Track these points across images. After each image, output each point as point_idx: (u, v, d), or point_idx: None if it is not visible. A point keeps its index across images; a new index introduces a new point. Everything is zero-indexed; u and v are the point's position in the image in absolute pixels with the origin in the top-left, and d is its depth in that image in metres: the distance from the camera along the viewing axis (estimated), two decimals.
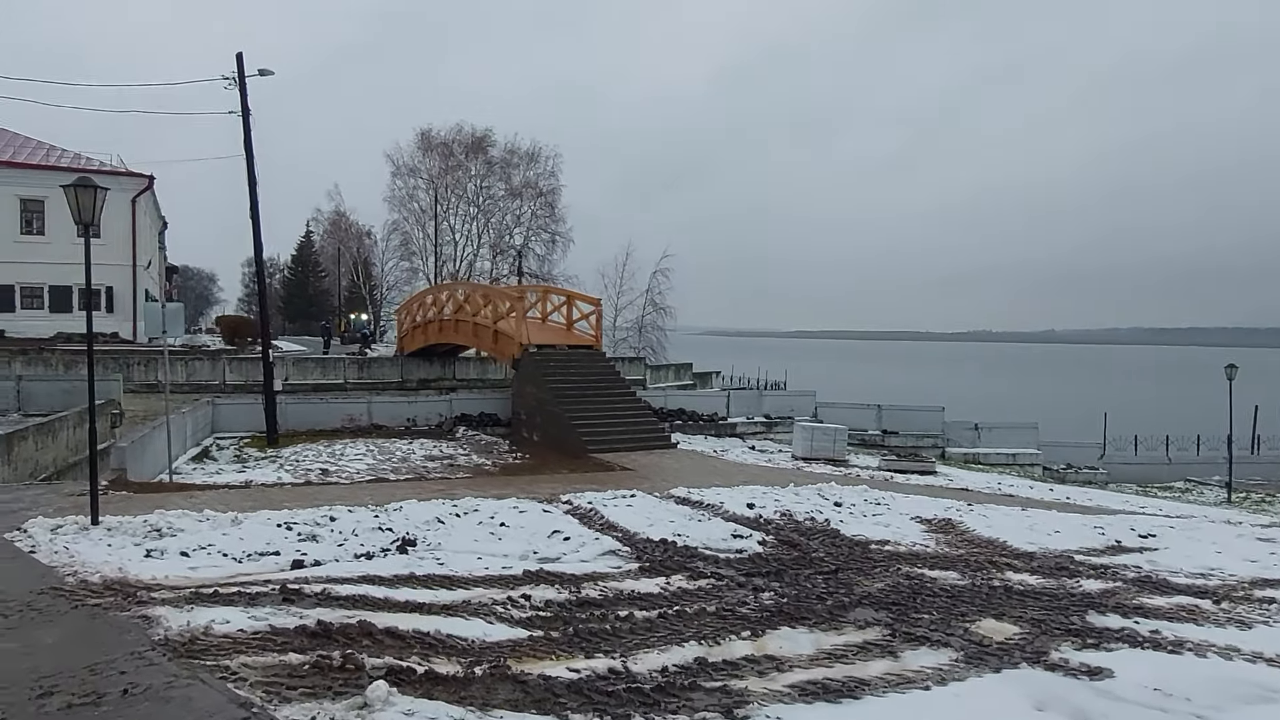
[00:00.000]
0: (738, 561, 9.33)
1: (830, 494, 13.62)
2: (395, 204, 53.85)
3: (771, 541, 10.23)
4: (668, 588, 8.15)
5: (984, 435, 26.88)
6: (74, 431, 16.90)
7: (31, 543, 7.94)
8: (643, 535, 10.27)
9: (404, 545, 9.14)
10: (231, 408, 21.84)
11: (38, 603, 5.72)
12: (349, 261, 65.08)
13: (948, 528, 11.40)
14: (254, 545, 8.57)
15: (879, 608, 7.58)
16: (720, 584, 8.36)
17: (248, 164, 19.82)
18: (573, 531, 10.25)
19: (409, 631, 5.78)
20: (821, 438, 20.53)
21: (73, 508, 9.80)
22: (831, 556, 9.60)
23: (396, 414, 23.02)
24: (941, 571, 8.90)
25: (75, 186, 8.40)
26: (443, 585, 7.67)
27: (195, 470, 16.41)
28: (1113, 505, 16.23)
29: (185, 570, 7.31)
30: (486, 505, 11.25)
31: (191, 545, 8.31)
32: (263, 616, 5.57)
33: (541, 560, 9.14)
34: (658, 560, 9.22)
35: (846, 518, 11.78)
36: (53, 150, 34.07)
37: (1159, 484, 25.68)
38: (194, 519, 9.31)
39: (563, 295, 25.22)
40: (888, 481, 16.70)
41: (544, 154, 53.07)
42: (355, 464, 17.88)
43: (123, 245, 33.58)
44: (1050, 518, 12.40)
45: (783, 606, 7.51)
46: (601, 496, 12.48)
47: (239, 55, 19.55)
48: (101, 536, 8.37)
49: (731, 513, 11.76)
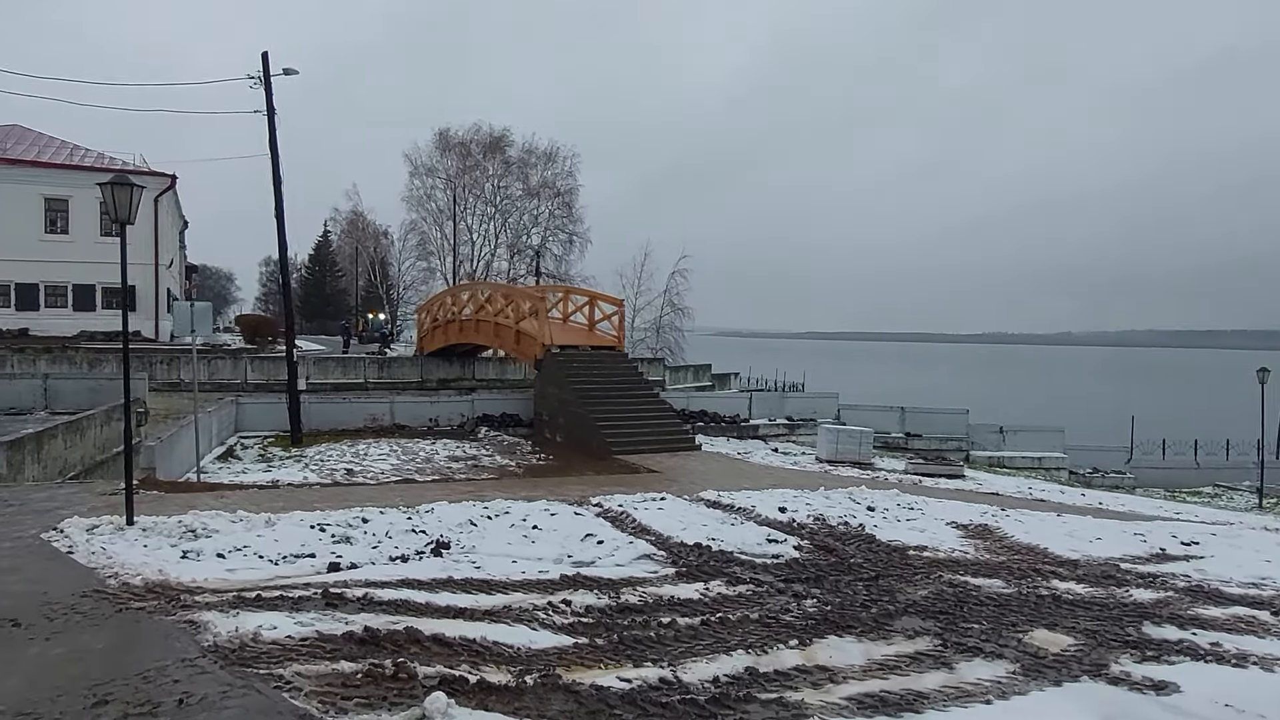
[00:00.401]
0: (775, 567, 9.19)
1: (862, 498, 13.45)
2: (413, 204, 54.00)
3: (807, 546, 10.08)
4: (707, 593, 8.03)
5: (1009, 439, 26.61)
6: (101, 430, 16.95)
7: (69, 543, 7.90)
8: (676, 539, 10.14)
9: (438, 548, 9.05)
10: (255, 407, 21.87)
11: (81, 606, 5.65)
12: (366, 261, 65.32)
13: (985, 534, 11.20)
14: (289, 547, 8.50)
15: (925, 616, 7.43)
16: (760, 590, 8.23)
17: (273, 163, 19.83)
18: (606, 535, 10.13)
19: (455, 639, 5.67)
20: (847, 440, 20.34)
21: (106, 507, 9.78)
22: (870, 562, 9.45)
23: (419, 414, 23.00)
24: (985, 579, 8.73)
25: (112, 184, 8.36)
26: (481, 590, 7.57)
27: (221, 469, 16.41)
28: (1147, 511, 15.97)
29: (223, 573, 7.24)
30: (517, 508, 11.15)
31: (227, 547, 8.25)
32: (308, 622, 5.48)
33: (576, 564, 9.04)
34: (694, 565, 9.10)
35: (880, 522, 11.61)
36: (76, 150, 34.31)
37: (1187, 489, 25.29)
38: (227, 520, 9.25)
39: (585, 295, 25.13)
40: (916, 485, 16.49)
41: (562, 154, 53.08)
42: (380, 464, 17.85)
43: (145, 244, 33.75)
44: (1088, 524, 12.18)
45: (827, 614, 7.37)
46: (631, 499, 12.35)
47: (264, 55, 19.57)
48: (137, 537, 8.32)
49: (764, 517, 11.61)
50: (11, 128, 34.65)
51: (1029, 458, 25.84)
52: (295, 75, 20.39)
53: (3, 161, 31.97)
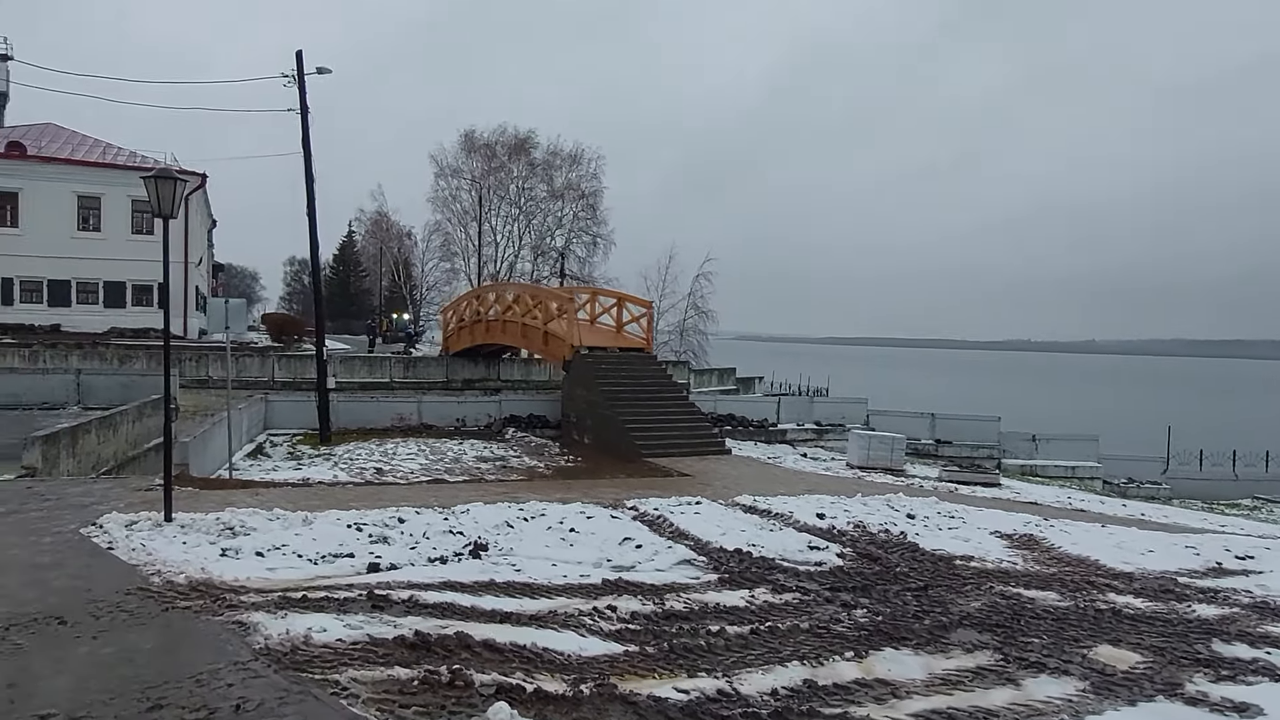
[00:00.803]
0: (819, 575, 8.98)
1: (900, 505, 13.17)
2: (438, 204, 54.16)
3: (850, 554, 9.85)
4: (753, 601, 7.84)
5: (1041, 447, 26.13)
6: (133, 425, 16.99)
7: (108, 539, 7.83)
8: (716, 544, 9.95)
9: (476, 550, 8.91)
10: (284, 405, 21.89)
11: (127, 604, 5.55)
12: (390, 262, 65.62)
13: (1031, 544, 10.92)
14: (327, 546, 8.39)
15: (982, 629, 7.19)
16: (807, 598, 8.03)
17: (305, 161, 19.86)
18: (644, 539, 9.96)
19: (506, 644, 5.52)
20: (879, 447, 20.03)
21: (143, 503, 9.72)
22: (916, 572, 9.21)
23: (446, 414, 22.93)
24: (1038, 591, 8.47)
25: (155, 178, 8.30)
26: (525, 593, 7.42)
27: (252, 467, 16.40)
28: (1191, 523, 15.56)
29: (264, 572, 7.13)
30: (553, 510, 11.00)
31: (265, 545, 8.15)
32: (357, 625, 5.34)
33: (616, 568, 8.87)
34: (736, 571, 8.90)
35: (922, 530, 11.35)
36: (109, 148, 34.66)
37: (1225, 501, 24.71)
38: (264, 518, 9.16)
39: (613, 297, 24.98)
40: (953, 493, 16.18)
41: (586, 155, 53.02)
42: (408, 464, 17.78)
43: (175, 242, 33.65)
44: (1136, 536, 11.85)
45: (879, 625, 7.16)
46: (666, 503, 12.17)
47: (299, 53, 19.61)
48: (176, 534, 8.24)
49: (803, 523, 11.39)
50: (46, 126, 35.07)
51: (1062, 466, 25.35)
52: (328, 74, 20.41)
53: (37, 159, 32.35)
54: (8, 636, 4.82)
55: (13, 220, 32.10)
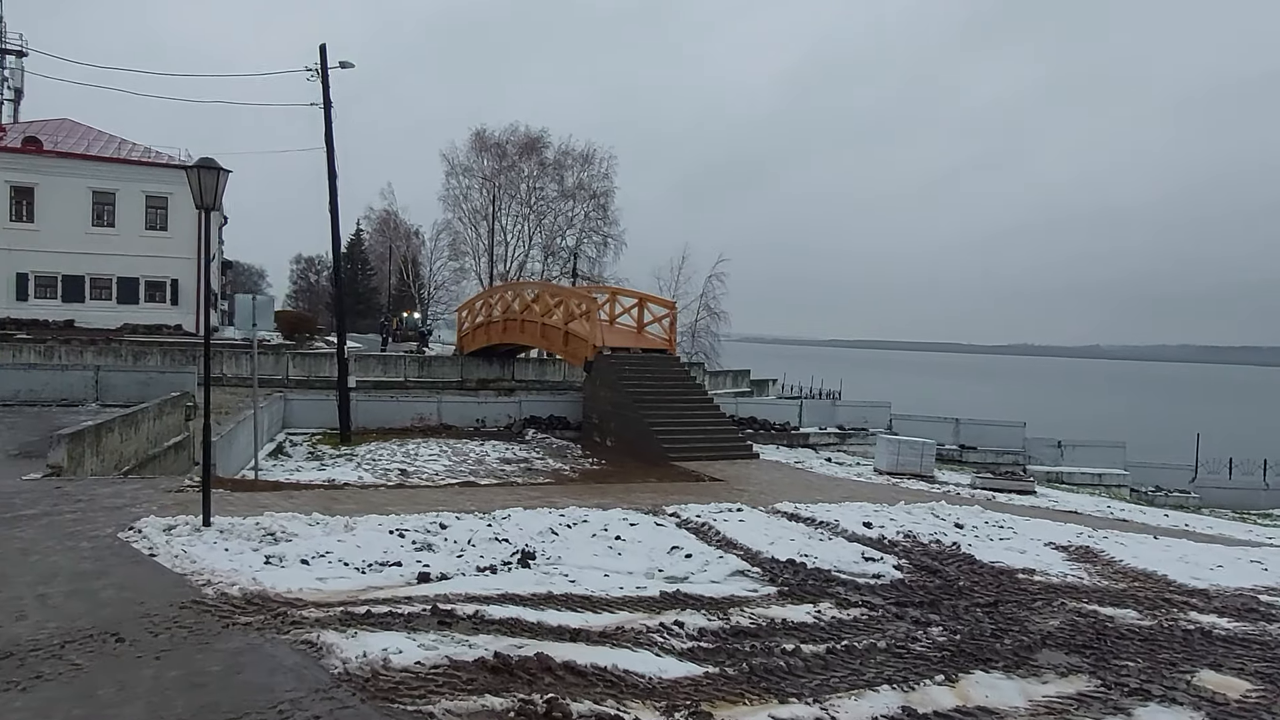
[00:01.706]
0: (880, 588, 8.63)
1: (945, 514, 12.82)
2: (449, 203, 53.71)
3: (907, 566, 9.50)
4: (820, 617, 7.49)
5: (1067, 453, 25.73)
6: (154, 423, 16.68)
7: (149, 545, 7.50)
8: (767, 555, 9.60)
9: (524, 559, 8.57)
10: (302, 404, 21.59)
11: (183, 619, 5.21)
12: (398, 260, 65.31)
13: (1089, 556, 10.55)
14: (372, 554, 8.06)
15: (1068, 650, 6.84)
16: (874, 614, 7.68)
17: (328, 157, 19.55)
18: (692, 548, 9.62)
19: (587, 667, 5.17)
20: (908, 452, 19.66)
21: (176, 505, 9.40)
22: (980, 586, 8.85)
23: (465, 414, 22.61)
24: (1114, 609, 8.11)
25: (198, 168, 7.98)
26: (586, 607, 7.08)
27: (275, 467, 16.08)
28: (1238, 535, 15.18)
29: (315, 582, 6.80)
30: (595, 516, 10.67)
31: (309, 552, 7.82)
32: (431, 645, 5.00)
33: (670, 579, 8.54)
34: (794, 584, 8.56)
35: (973, 541, 10.99)
36: (124, 144, 34.40)
37: (1256, 510, 24.27)
38: (304, 523, 8.84)
39: (634, 297, 24.62)
40: (990, 501, 15.81)
41: (598, 155, 52.48)
42: (432, 465, 17.45)
43: (189, 239, 33.75)
44: (1195, 549, 11.49)
45: (959, 645, 6.80)
46: (707, 510, 11.82)
47: (322, 47, 19.30)
48: (216, 540, 7.91)
49: (851, 532, 11.03)
50: (61, 121, 34.82)
51: (1089, 474, 24.94)
52: (351, 68, 20.09)
53: (52, 154, 32.10)
54: (64, 655, 4.49)
55: (29, 215, 31.85)
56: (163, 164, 33.69)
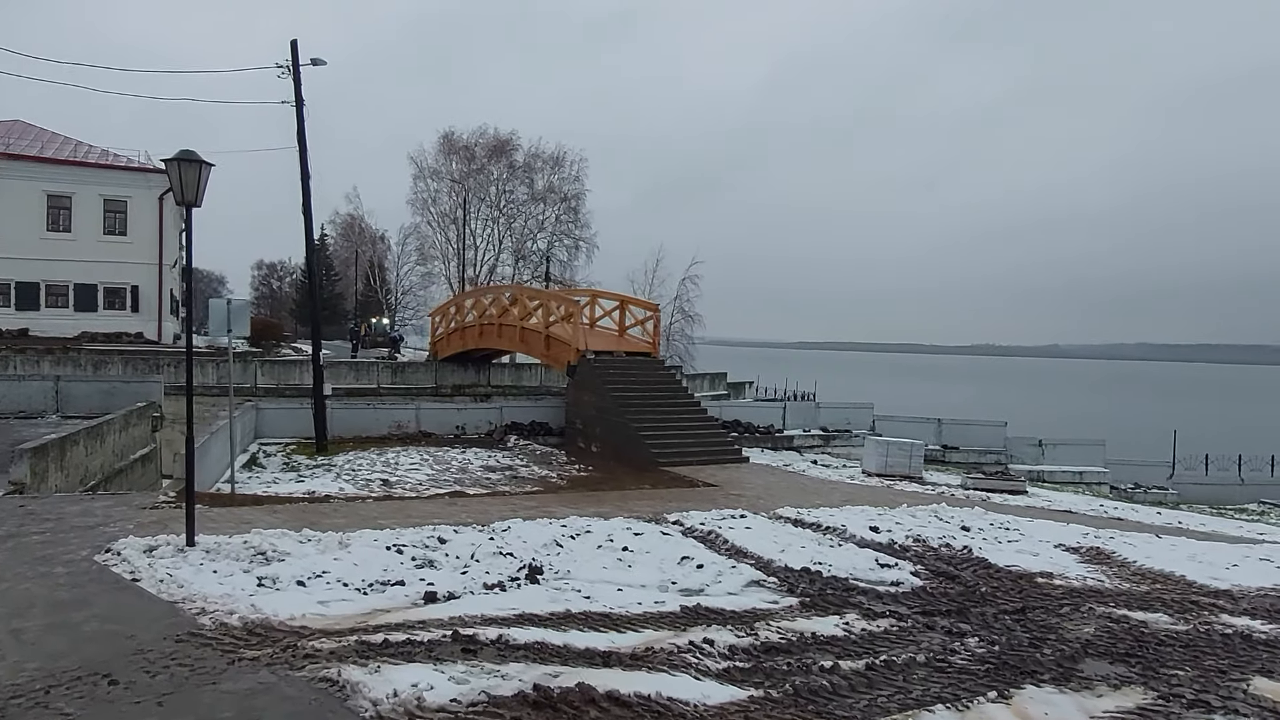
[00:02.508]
0: (903, 596, 8.33)
1: (949, 516, 12.59)
2: (417, 207, 52.90)
3: (924, 572, 9.22)
4: (850, 630, 7.15)
5: (1048, 452, 25.82)
6: (120, 435, 15.91)
7: (129, 568, 6.93)
8: (780, 563, 9.27)
9: (532, 574, 8.13)
10: (275, 413, 20.85)
11: (183, 655, 4.70)
12: (364, 265, 64.18)
13: (1102, 558, 10.38)
14: (371, 573, 7.55)
15: (1113, 659, 6.58)
16: (904, 624, 7.36)
17: (300, 156, 18.86)
18: (703, 558, 9.25)
19: (630, 696, 4.77)
20: (897, 454, 19.49)
21: (154, 524, 8.80)
22: (1002, 592, 8.59)
23: (445, 421, 22.02)
24: (1144, 613, 7.89)
25: (178, 161, 7.41)
26: (608, 626, 6.66)
27: (251, 479, 15.39)
28: (1230, 531, 15.20)
29: (316, 606, 6.30)
30: (598, 526, 10.25)
31: (304, 572, 7.30)
32: (462, 677, 4.55)
33: (684, 591, 8.16)
34: (814, 594, 8.22)
35: (982, 544, 10.76)
36: (80, 146, 33.15)
37: (1232, 506, 24.52)
38: (295, 540, 8.30)
39: (615, 299, 24.17)
40: (986, 501, 15.66)
41: (568, 158, 52.02)
42: (414, 474, 16.87)
43: (149, 244, 32.67)
44: (1202, 547, 11.39)
45: (1001, 657, 6.51)
46: (709, 517, 11.46)
47: (293, 43, 18.63)
48: (202, 561, 7.35)
49: (859, 537, 10.74)
50: (14, 123, 33.48)
51: (1070, 472, 25.04)
52: (324, 65, 19.44)
53: (3, 156, 30.80)
54: (50, 703, 3.96)
55: None
56: (121, 166, 32.54)
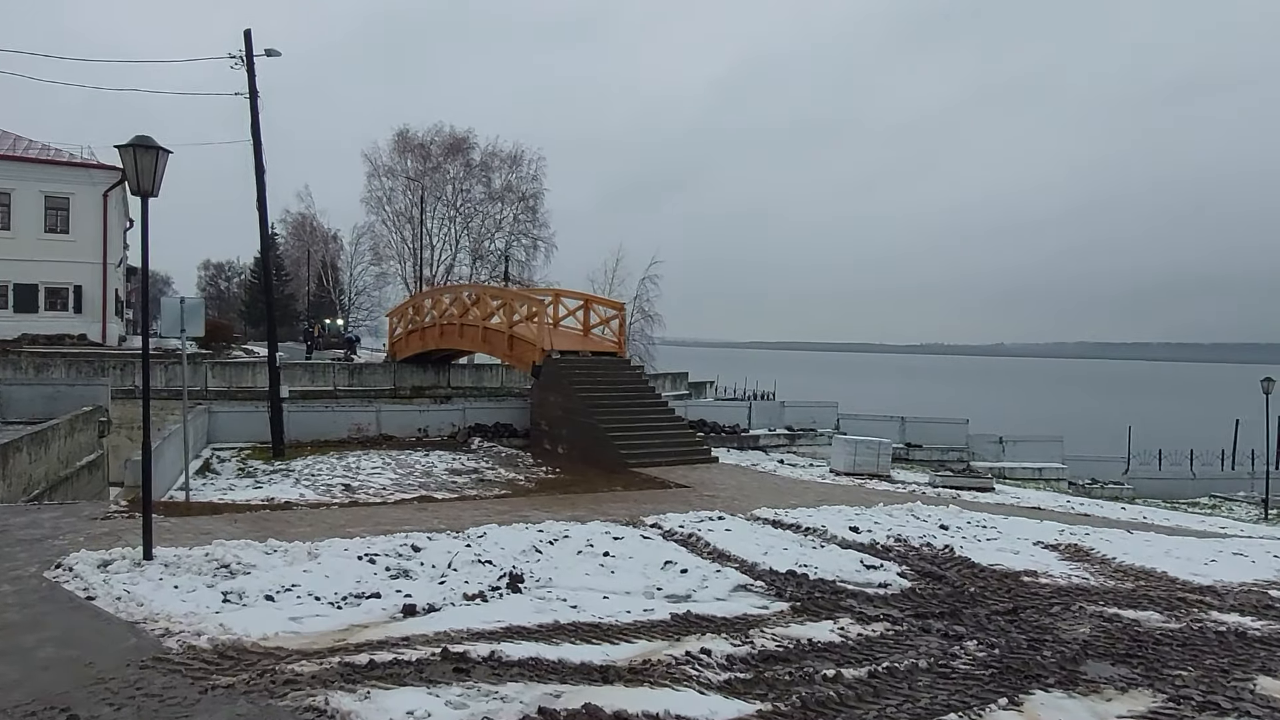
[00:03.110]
0: (893, 599, 8.18)
1: (925, 515, 12.53)
2: (372, 205, 51.86)
3: (910, 573, 9.10)
4: (845, 635, 6.97)
5: (1008, 449, 26.18)
6: (65, 441, 15.13)
7: (83, 585, 6.43)
8: (764, 566, 9.06)
9: (513, 582, 7.80)
10: (228, 416, 20.09)
11: (149, 683, 4.28)
12: (316, 265, 62.79)
13: (1081, 555, 10.38)
14: (344, 585, 7.15)
15: (1113, 660, 6.49)
16: (900, 629, 7.20)
17: (255, 150, 18.15)
18: (686, 562, 9.01)
19: (637, 716, 4.48)
20: (865, 452, 19.49)
21: (107, 535, 8.26)
22: (990, 591, 8.50)
23: (406, 424, 21.46)
24: (1133, 611, 7.85)
25: (133, 146, 6.91)
26: (600, 637, 6.38)
27: (205, 486, 14.73)
28: (1193, 526, 15.46)
29: (289, 624, 5.89)
30: (575, 531, 9.93)
31: (272, 586, 6.87)
32: (459, 701, 4.22)
33: (670, 598, 7.91)
34: (802, 598, 8.03)
35: (963, 543, 10.69)
36: (19, 140, 31.73)
37: (1185, 500, 25.14)
38: (260, 551, 7.83)
39: (579, 299, 23.82)
40: (957, 499, 15.69)
41: (526, 156, 51.41)
42: (377, 479, 16.34)
43: (93, 243, 31.41)
44: (1175, 543, 11.50)
45: (1002, 660, 6.37)
46: (689, 519, 11.21)
47: (247, 32, 17.91)
48: (162, 575, 6.87)
49: (841, 538, 10.59)
50: None
51: (1029, 468, 25.40)
52: (278, 56, 18.75)
53: None
54: None
55: None
56: (63, 162, 31.21)
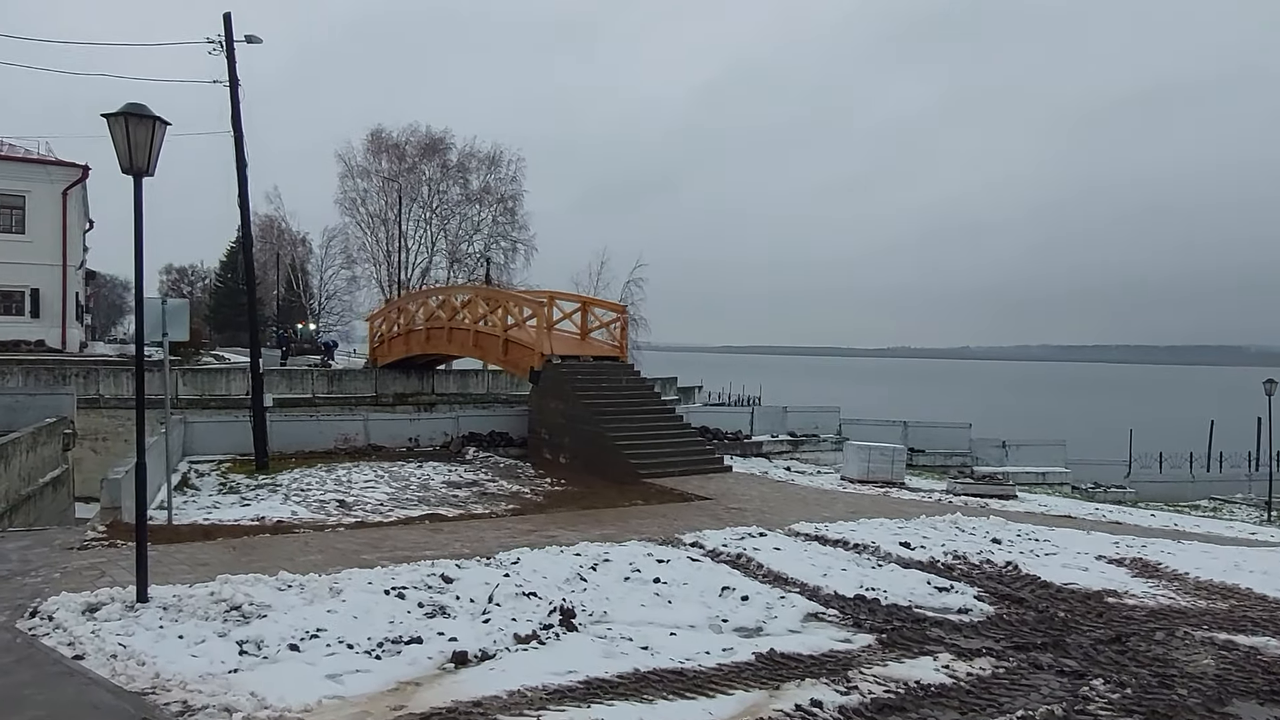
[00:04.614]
0: (981, 627, 7.39)
1: (969, 527, 11.79)
2: (346, 206, 50.40)
3: (986, 596, 8.33)
4: (954, 675, 6.16)
5: (1011, 453, 25.72)
6: (27, 456, 13.86)
7: (67, 638, 5.38)
8: (828, 590, 8.25)
9: (566, 618, 6.87)
10: (205, 427, 18.82)
11: None
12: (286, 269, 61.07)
13: (1152, 570, 9.69)
14: (376, 627, 6.17)
15: (1260, 699, 5.77)
16: (1007, 664, 6.41)
17: (236, 142, 16.96)
18: (744, 587, 8.16)
19: None
20: (879, 459, 18.76)
21: (89, 570, 7.17)
22: (1081, 616, 7.74)
23: (396, 433, 20.33)
24: (1245, 637, 7.15)
25: (125, 116, 5.87)
26: (691, 688, 5.50)
27: (187, 504, 13.54)
28: (1223, 532, 14.91)
29: (326, 684, 4.93)
30: (615, 553, 9.02)
31: (295, 632, 5.87)
32: None
33: (740, 631, 7.08)
34: (882, 627, 7.23)
35: (1022, 558, 9.95)
36: None
37: (1185, 503, 24.82)
38: (270, 587, 6.82)
39: (575, 301, 22.82)
40: (985, 508, 14.98)
41: (505, 158, 50.30)
42: (372, 493, 15.24)
43: (52, 243, 29.77)
44: (1235, 554, 10.86)
45: (1144, 703, 5.60)
46: (726, 536, 10.36)
47: (227, 16, 16.73)
48: (163, 623, 5.84)
49: (896, 555, 9.81)
50: None
51: (1033, 473, 24.98)
52: (259, 43, 17.59)
53: None
54: None
55: None
56: (19, 158, 29.57)
